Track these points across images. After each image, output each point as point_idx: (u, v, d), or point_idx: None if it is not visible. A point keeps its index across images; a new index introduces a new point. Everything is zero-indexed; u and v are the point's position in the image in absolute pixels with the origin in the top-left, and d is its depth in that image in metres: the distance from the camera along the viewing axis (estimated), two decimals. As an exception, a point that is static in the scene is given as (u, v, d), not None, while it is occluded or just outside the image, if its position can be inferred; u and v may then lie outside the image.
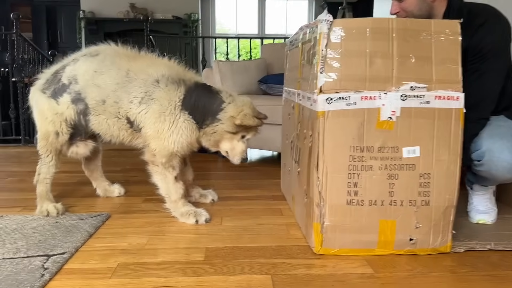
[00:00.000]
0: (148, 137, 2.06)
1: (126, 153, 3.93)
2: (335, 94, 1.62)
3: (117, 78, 2.08)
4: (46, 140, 2.21)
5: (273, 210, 2.32)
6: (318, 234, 1.70)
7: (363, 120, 1.63)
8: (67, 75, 2.15)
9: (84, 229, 1.98)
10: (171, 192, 2.11)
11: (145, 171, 3.36)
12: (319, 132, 1.65)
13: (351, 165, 1.65)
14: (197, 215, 2.10)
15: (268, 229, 2.02)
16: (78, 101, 2.14)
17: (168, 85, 2.04)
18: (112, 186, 2.58)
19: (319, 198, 1.67)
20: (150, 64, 2.12)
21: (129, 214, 2.25)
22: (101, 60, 2.14)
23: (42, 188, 2.23)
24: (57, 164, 2.26)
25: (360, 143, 1.64)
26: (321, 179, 1.66)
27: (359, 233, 1.70)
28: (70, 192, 2.65)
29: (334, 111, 1.63)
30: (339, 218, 1.68)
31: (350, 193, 1.66)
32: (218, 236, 1.92)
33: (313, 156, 1.70)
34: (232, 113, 2.01)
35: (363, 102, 1.63)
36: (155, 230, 2.00)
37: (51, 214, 2.16)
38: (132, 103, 2.05)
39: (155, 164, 2.09)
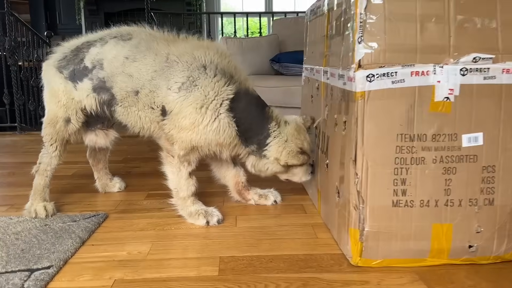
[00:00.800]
0: (177, 126, 1.74)
1: (128, 140, 3.63)
2: (378, 70, 1.29)
3: (154, 65, 1.76)
4: (53, 126, 1.92)
5: (294, 207, 2.01)
6: (357, 242, 1.39)
7: (413, 102, 1.31)
8: (91, 57, 1.84)
9: (76, 234, 1.69)
10: (182, 188, 1.81)
11: (148, 161, 3.12)
12: (357, 117, 1.32)
13: (398, 158, 1.33)
14: (207, 215, 1.80)
15: (292, 232, 1.71)
16: (102, 90, 1.83)
17: (218, 75, 1.72)
18: (113, 180, 2.30)
19: (358, 199, 1.36)
20: (197, 47, 1.79)
21: (129, 213, 1.95)
22: (134, 45, 1.82)
23: (40, 182, 1.94)
24: (61, 155, 1.97)
25: (409, 130, 1.32)
26: (360, 176, 1.34)
27: (408, 240, 1.39)
28: (64, 187, 2.36)
29: (377, 91, 1.30)
30: (383, 223, 1.37)
31: (397, 192, 1.35)
32: (233, 242, 1.63)
33: (349, 147, 1.38)
34: (275, 153, 1.78)
35: (414, 79, 1.30)
36: (159, 234, 1.71)
37: (39, 215, 1.87)
38: (170, 89, 1.73)
39: (170, 154, 1.79)
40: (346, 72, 1.38)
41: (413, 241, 1.39)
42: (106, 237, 1.70)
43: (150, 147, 3.42)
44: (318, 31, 1.87)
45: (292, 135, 1.78)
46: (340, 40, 1.48)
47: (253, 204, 2.06)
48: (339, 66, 1.48)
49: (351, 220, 1.40)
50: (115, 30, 1.91)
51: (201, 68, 1.72)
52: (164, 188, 1.87)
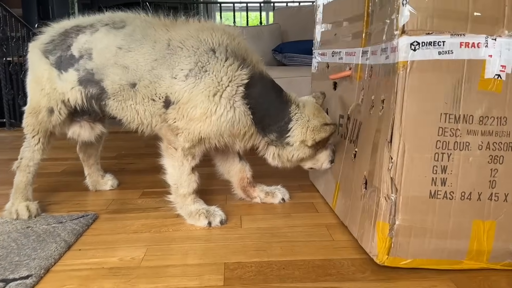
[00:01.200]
0: (186, 117, 1.54)
1: (122, 136, 3.44)
2: (423, 37, 1.12)
3: (154, 53, 1.57)
4: (35, 116, 1.72)
5: (304, 205, 1.83)
6: (385, 238, 1.21)
7: (461, 77, 1.14)
8: (79, 46, 1.65)
9: (62, 237, 1.50)
10: (182, 184, 1.62)
11: (143, 157, 2.93)
12: (396, 91, 1.15)
13: (440, 142, 1.16)
14: (209, 215, 1.61)
15: (305, 234, 1.53)
16: (90, 83, 1.64)
17: (230, 58, 1.53)
18: (105, 178, 2.10)
19: (390, 187, 1.18)
20: (202, 29, 1.59)
21: (121, 213, 1.76)
22: (128, 34, 1.62)
23: (21, 179, 1.75)
24: (45, 149, 1.78)
25: (455, 109, 1.15)
26: (395, 161, 1.16)
27: (443, 239, 1.20)
28: (52, 185, 2.17)
29: (421, 62, 1.13)
30: (417, 216, 1.19)
31: (436, 181, 1.17)
32: (240, 246, 1.44)
33: (385, 127, 1.20)
34: (300, 136, 1.62)
35: (463, 51, 1.13)
36: (155, 237, 1.52)
37: (21, 216, 1.68)
38: (176, 78, 1.53)
39: (172, 146, 1.60)
40: (390, 43, 1.21)
41: (450, 240, 1.21)
42: (95, 240, 1.50)
43: (146, 142, 3.22)
44: (347, 10, 1.67)
45: (313, 114, 1.64)
46: (385, 11, 1.29)
47: (258, 203, 1.87)
48: (382, 41, 1.30)
49: (380, 212, 1.21)
50: (107, 17, 1.71)
51: (210, 52, 1.53)
52: (160, 185, 1.69)
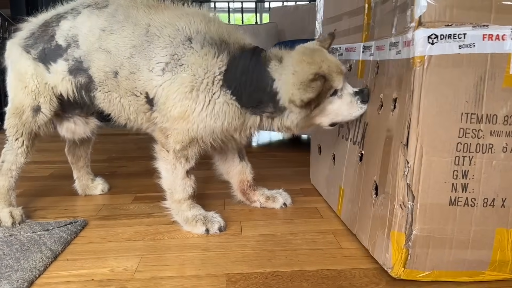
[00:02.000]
0: (169, 117, 1.44)
1: (113, 138, 3.33)
2: (443, 29, 1.03)
3: (133, 38, 1.45)
4: (19, 117, 1.61)
5: (307, 210, 1.72)
6: (400, 249, 1.11)
7: (484, 73, 1.04)
8: (63, 34, 1.53)
9: (48, 246, 1.38)
10: (177, 189, 1.51)
11: (135, 160, 2.80)
12: (413, 89, 1.05)
13: (461, 144, 1.06)
14: (207, 221, 1.51)
15: (310, 241, 1.42)
16: (78, 71, 1.53)
17: (205, 47, 1.41)
18: (95, 181, 1.98)
19: (407, 194, 1.08)
20: (181, 15, 1.47)
21: (113, 220, 1.65)
22: (111, 13, 1.50)
23: (3, 183, 1.62)
24: (29, 152, 1.66)
25: (477, 109, 1.05)
26: (412, 165, 1.07)
27: (464, 249, 1.11)
28: (39, 190, 2.05)
29: (440, 56, 1.03)
30: (437, 225, 1.09)
31: (456, 187, 1.08)
32: (241, 255, 1.33)
33: (400, 129, 1.10)
34: (287, 95, 1.35)
35: (486, 44, 1.03)
36: (149, 246, 1.40)
37: (4, 223, 1.56)
38: (153, 71, 1.42)
39: (166, 149, 1.49)
40: (402, 36, 1.11)
41: (471, 250, 1.11)
42: (85, 249, 1.39)
43: (138, 145, 3.12)
44: (348, 4, 1.58)
45: (299, 62, 1.35)
46: (392, 2, 1.20)
47: (258, 207, 1.76)
48: (391, 34, 1.20)
49: (395, 221, 1.12)
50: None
51: (186, 42, 1.42)
52: (154, 189, 1.58)
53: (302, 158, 2.53)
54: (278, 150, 3.00)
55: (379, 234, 1.20)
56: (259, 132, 1.58)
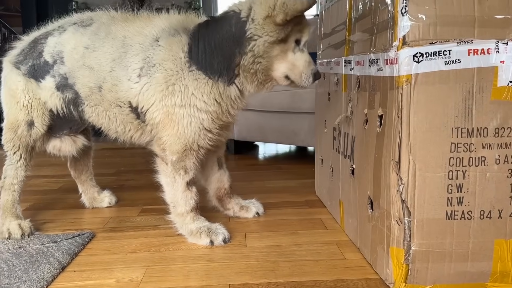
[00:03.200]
0: (156, 124, 1.48)
1: (122, 152, 3.38)
2: (427, 47, 1.04)
3: (112, 52, 1.51)
4: (14, 132, 1.65)
5: (312, 221, 1.73)
6: (400, 265, 1.12)
7: (471, 87, 1.05)
8: (50, 50, 1.59)
9: (56, 257, 1.41)
10: (178, 202, 1.53)
11: (142, 173, 2.83)
12: (401, 108, 1.06)
13: (454, 158, 1.07)
14: (211, 233, 1.52)
15: (314, 252, 1.43)
16: (65, 87, 1.58)
17: (169, 38, 1.46)
18: (102, 194, 2.01)
19: (402, 210, 1.09)
20: (148, 23, 1.53)
21: (120, 232, 1.67)
22: (94, 32, 1.56)
23: (7, 198, 1.66)
24: (28, 164, 1.70)
25: (467, 123, 1.06)
26: (406, 182, 1.08)
27: (464, 261, 1.11)
28: (48, 203, 2.08)
29: (426, 74, 1.05)
30: (435, 240, 1.10)
31: (452, 201, 1.08)
32: (245, 265, 1.34)
33: (389, 147, 1.12)
34: (264, 12, 1.34)
35: (472, 59, 1.05)
36: (154, 257, 1.42)
37: (14, 236, 1.58)
38: (130, 80, 1.48)
39: (164, 162, 1.52)
40: (383, 54, 1.13)
41: (471, 262, 1.12)
42: (92, 261, 1.41)
43: (145, 158, 3.14)
44: (336, 18, 1.63)
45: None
46: (371, 19, 1.23)
47: (231, 215, 1.80)
48: (370, 50, 1.23)
49: (392, 237, 1.13)
50: (76, 16, 1.66)
51: (154, 43, 1.47)
52: (160, 202, 1.60)
53: (307, 170, 2.54)
54: (284, 162, 3.02)
55: (379, 249, 1.21)
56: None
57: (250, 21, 1.37)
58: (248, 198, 1.87)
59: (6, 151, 1.67)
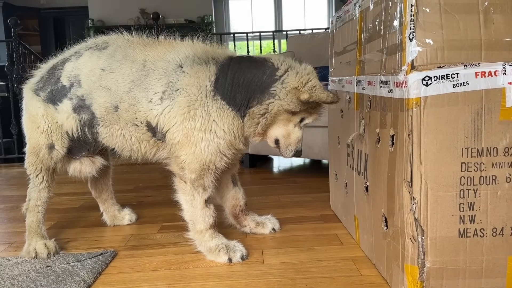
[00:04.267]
0: (175, 144, 1.54)
1: (139, 168, 3.45)
2: (435, 71, 1.07)
3: (131, 74, 1.58)
4: (36, 155, 1.72)
5: (328, 237, 1.76)
6: (415, 282, 1.14)
7: (480, 109, 1.09)
8: (67, 75, 1.66)
9: (81, 276, 1.46)
10: (197, 220, 1.58)
11: (161, 189, 2.91)
12: (412, 129, 1.10)
13: (465, 178, 1.10)
14: (229, 250, 1.56)
15: (330, 269, 1.46)
16: (82, 109, 1.65)
17: (195, 67, 1.52)
18: (122, 212, 2.07)
19: (416, 229, 1.12)
20: (170, 49, 1.60)
21: (141, 249, 1.72)
22: (110, 54, 1.63)
23: (32, 219, 1.73)
24: (50, 186, 1.77)
25: (476, 143, 1.09)
26: (418, 201, 1.11)
27: (478, 278, 1.14)
28: (70, 221, 2.15)
29: (435, 96, 1.08)
30: (448, 257, 1.13)
31: (464, 219, 1.11)
32: (263, 283, 1.38)
33: (401, 166, 1.15)
34: (295, 83, 1.44)
35: (479, 81, 1.08)
36: (175, 275, 1.47)
37: (40, 255, 1.65)
38: (151, 102, 1.54)
39: (183, 181, 1.57)
40: (393, 77, 1.17)
41: (485, 279, 1.14)
42: (115, 279, 1.47)
43: (163, 174, 3.22)
44: (348, 38, 1.67)
45: (313, 70, 1.51)
46: (380, 42, 1.27)
47: (248, 232, 1.83)
48: (380, 72, 1.27)
49: (407, 255, 1.15)
50: (91, 41, 1.73)
51: (178, 69, 1.53)
52: (179, 219, 1.65)
53: (322, 184, 2.57)
54: (298, 175, 3.05)
55: (394, 266, 1.24)
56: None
57: (280, 82, 1.45)
58: (263, 213, 1.91)
59: (29, 174, 1.75)
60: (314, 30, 5.06)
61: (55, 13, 8.79)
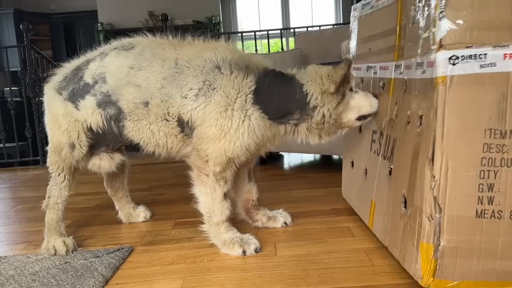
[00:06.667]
0: (205, 138, 1.57)
1: (152, 167, 3.50)
2: (463, 51, 1.10)
3: (163, 71, 1.61)
4: (58, 154, 1.77)
5: (340, 229, 1.78)
6: (429, 260, 1.16)
7: (506, 90, 1.10)
8: (91, 73, 1.70)
9: (99, 271, 1.51)
10: (215, 212, 1.62)
11: (173, 187, 2.96)
12: (437, 107, 1.12)
13: (486, 158, 1.11)
14: (244, 243, 1.60)
15: (343, 259, 1.49)
16: (107, 104, 1.68)
17: (234, 72, 1.57)
18: (137, 209, 2.12)
19: (434, 207, 1.14)
20: (205, 48, 1.64)
21: (156, 245, 1.76)
22: (138, 53, 1.67)
23: (52, 216, 1.78)
24: (71, 185, 1.81)
25: (500, 124, 1.11)
26: (438, 179, 1.13)
27: (492, 259, 1.15)
28: (87, 220, 2.20)
29: (462, 76, 1.10)
30: (464, 236, 1.14)
31: (482, 200, 1.12)
32: (276, 274, 1.41)
33: (426, 146, 1.17)
34: (318, 88, 1.55)
35: (507, 63, 1.09)
36: (190, 268, 1.51)
37: (59, 252, 1.70)
38: (186, 97, 1.57)
39: (203, 173, 1.61)
40: (426, 57, 1.19)
41: (499, 261, 1.15)
42: (132, 274, 1.51)
43: (175, 172, 3.27)
44: (381, 24, 1.64)
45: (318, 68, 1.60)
46: (418, 25, 1.28)
47: (260, 227, 1.86)
48: (417, 54, 1.28)
49: (423, 233, 1.16)
50: (115, 43, 1.76)
51: (216, 69, 1.57)
52: (192, 215, 1.69)
53: (333, 179, 2.59)
54: (309, 171, 3.07)
55: (409, 246, 1.25)
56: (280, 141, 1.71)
57: (311, 95, 1.56)
58: (275, 208, 1.94)
59: (51, 173, 1.79)
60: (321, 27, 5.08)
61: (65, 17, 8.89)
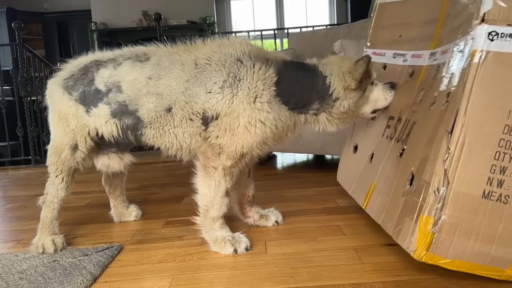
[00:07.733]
0: (229, 130, 1.55)
1: (144, 167, 3.48)
2: (503, 28, 1.10)
3: (184, 75, 1.60)
4: (58, 155, 1.75)
5: (330, 228, 1.78)
6: (427, 232, 1.15)
7: None
8: (104, 80, 1.67)
9: (88, 269, 1.49)
10: (214, 206, 1.61)
11: (165, 187, 2.95)
12: (466, 80, 1.12)
13: (504, 140, 1.11)
14: (235, 242, 1.59)
15: (332, 258, 1.49)
16: (124, 114, 1.66)
17: (257, 64, 1.56)
18: (129, 208, 2.11)
19: (443, 179, 1.13)
20: (222, 45, 1.64)
21: (146, 243, 1.75)
22: (155, 64, 1.65)
23: (47, 214, 1.76)
24: (69, 186, 1.79)
25: None
26: (452, 151, 1.12)
27: (490, 243, 1.14)
28: (77, 218, 2.19)
29: (498, 53, 1.11)
30: (466, 214, 1.14)
31: (492, 181, 1.12)
32: (266, 272, 1.41)
33: (447, 119, 1.16)
34: (341, 83, 1.57)
35: None
36: (180, 267, 1.50)
37: (47, 250, 1.68)
38: (211, 92, 1.56)
39: (211, 165, 1.59)
40: (467, 36, 1.18)
41: (496, 246, 1.14)
42: (121, 272, 1.50)
43: (167, 172, 3.26)
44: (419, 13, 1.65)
45: (341, 60, 1.62)
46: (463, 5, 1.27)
47: (251, 224, 1.86)
48: (457, 38, 1.27)
49: (425, 206, 1.15)
50: (128, 51, 1.73)
51: (238, 62, 1.56)
52: (183, 214, 1.68)
53: (325, 178, 2.60)
54: (302, 171, 3.07)
55: (407, 220, 1.23)
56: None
57: (333, 88, 1.58)
58: (266, 207, 1.94)
59: (49, 173, 1.77)
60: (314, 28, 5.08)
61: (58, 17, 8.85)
